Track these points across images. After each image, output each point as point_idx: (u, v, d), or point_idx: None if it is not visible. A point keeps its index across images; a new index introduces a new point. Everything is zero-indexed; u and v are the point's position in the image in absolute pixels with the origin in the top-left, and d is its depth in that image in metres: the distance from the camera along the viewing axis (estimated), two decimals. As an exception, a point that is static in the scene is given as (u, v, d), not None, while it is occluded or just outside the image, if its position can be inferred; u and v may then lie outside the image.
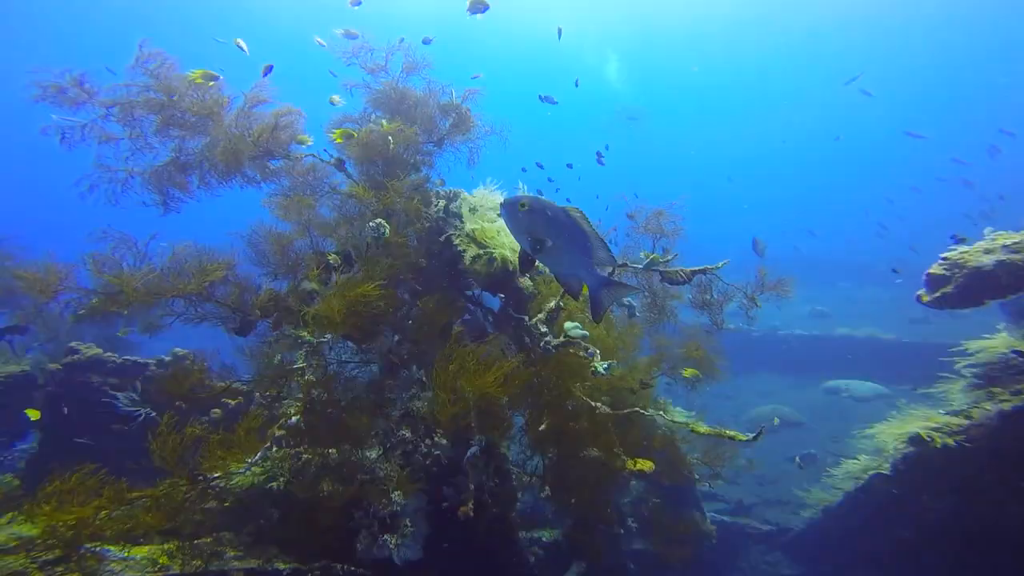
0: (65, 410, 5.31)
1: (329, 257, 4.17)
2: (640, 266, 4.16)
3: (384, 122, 4.80)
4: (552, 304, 4.14)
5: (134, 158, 4.52)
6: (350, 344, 4.22)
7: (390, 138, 4.57)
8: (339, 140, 4.70)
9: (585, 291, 2.62)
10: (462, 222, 4.48)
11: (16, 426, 6.35)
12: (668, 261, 4.15)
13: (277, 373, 3.86)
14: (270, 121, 4.58)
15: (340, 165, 4.76)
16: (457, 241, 4.39)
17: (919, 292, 5.68)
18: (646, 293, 4.58)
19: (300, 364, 3.82)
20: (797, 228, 32.89)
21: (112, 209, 4.54)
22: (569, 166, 10.27)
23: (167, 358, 6.28)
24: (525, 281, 4.52)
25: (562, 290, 4.16)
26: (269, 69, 4.93)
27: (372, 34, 5.31)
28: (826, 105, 32.16)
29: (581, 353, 3.91)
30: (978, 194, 25.12)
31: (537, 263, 2.90)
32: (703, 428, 4.07)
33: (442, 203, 4.69)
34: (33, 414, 4.53)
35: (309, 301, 3.84)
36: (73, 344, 6.20)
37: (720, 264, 4.14)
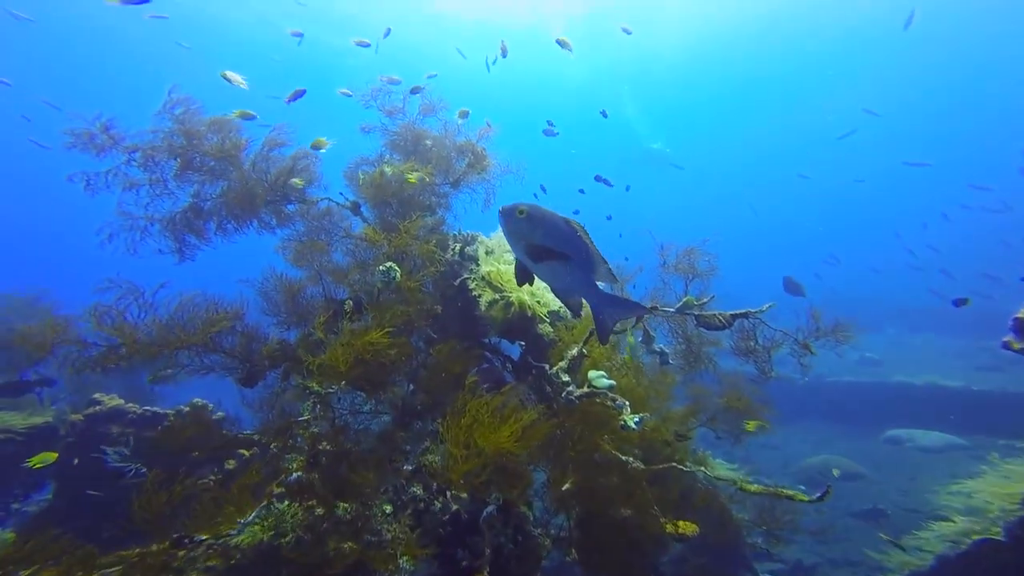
0: (75, 461, 5.20)
1: (345, 305, 4.00)
2: (672, 310, 3.84)
3: (386, 167, 4.67)
4: (574, 351, 3.81)
5: (154, 204, 4.51)
6: (363, 394, 3.99)
7: (413, 175, 4.43)
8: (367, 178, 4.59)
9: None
10: (477, 265, 4.26)
11: (35, 477, 6.29)
12: (704, 304, 3.82)
13: (282, 425, 3.64)
14: (287, 164, 4.53)
15: (356, 209, 4.65)
16: (472, 285, 4.16)
17: (1006, 339, 5.04)
18: (680, 339, 4.25)
19: (305, 416, 3.59)
20: (818, 255, 31.86)
21: (131, 257, 4.51)
22: (581, 191, 10.22)
23: (185, 408, 6.16)
24: (545, 327, 4.23)
25: (585, 336, 3.86)
26: (300, 94, 4.89)
27: (393, 71, 5.32)
28: (835, 125, 31.38)
29: (608, 404, 3.57)
30: (1016, 219, 23.94)
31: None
32: (754, 487, 3.60)
33: (458, 246, 4.50)
34: (36, 461, 4.39)
35: (316, 350, 3.65)
36: (96, 395, 6.17)
37: (765, 307, 3.79)
